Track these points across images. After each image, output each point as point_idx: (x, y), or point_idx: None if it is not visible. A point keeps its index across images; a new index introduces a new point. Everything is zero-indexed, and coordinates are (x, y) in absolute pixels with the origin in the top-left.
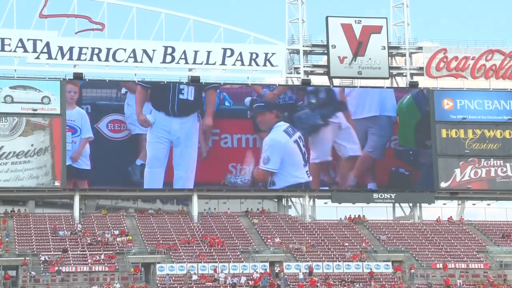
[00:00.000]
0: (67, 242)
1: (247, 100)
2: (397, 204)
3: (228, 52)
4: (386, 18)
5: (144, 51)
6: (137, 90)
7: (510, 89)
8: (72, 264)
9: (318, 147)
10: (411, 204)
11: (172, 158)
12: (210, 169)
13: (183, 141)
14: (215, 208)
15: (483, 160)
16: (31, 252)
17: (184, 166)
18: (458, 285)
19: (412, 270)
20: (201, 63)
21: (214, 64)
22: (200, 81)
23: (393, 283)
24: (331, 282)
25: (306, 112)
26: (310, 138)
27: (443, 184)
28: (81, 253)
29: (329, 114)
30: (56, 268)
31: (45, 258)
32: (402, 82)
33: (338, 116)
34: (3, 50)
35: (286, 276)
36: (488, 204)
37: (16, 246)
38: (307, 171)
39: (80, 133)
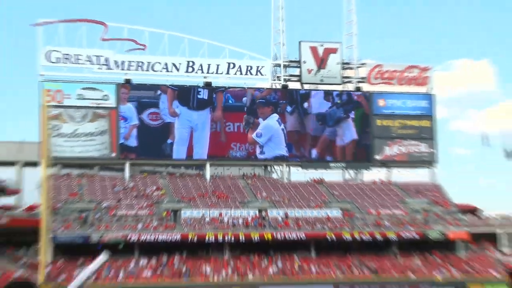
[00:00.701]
0: (121, 195)
1: (244, 99)
2: (346, 170)
3: (232, 65)
4: (341, 42)
5: (173, 64)
6: (168, 92)
7: (422, 93)
8: (124, 210)
9: (294, 133)
10: (355, 170)
11: (192, 138)
12: (218, 146)
13: (200, 127)
14: (221, 172)
15: (404, 141)
16: (96, 201)
17: (200, 144)
18: (385, 225)
19: (356, 215)
20: (212, 73)
21: (222, 73)
22: (212, 85)
23: (342, 223)
24: (300, 223)
25: (287, 108)
26: (289, 126)
27: (377, 157)
28: (130, 202)
29: (301, 109)
30: (113, 212)
31: (105, 205)
32: (351, 87)
33: (307, 110)
34: (77, 63)
35: (270, 219)
36: (407, 171)
37: (86, 196)
38: (286, 148)
39: (129, 121)
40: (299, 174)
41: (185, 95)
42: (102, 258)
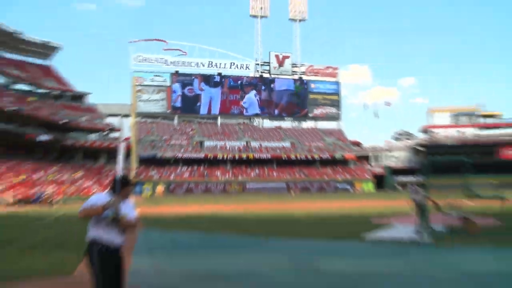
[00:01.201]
0: (172, 132)
1: (239, 81)
2: (293, 121)
3: (233, 63)
4: (291, 52)
5: (201, 63)
6: (198, 77)
7: (333, 81)
8: (174, 140)
9: (265, 101)
10: (298, 121)
11: (211, 103)
12: (225, 107)
13: (215, 97)
14: (226, 121)
15: (324, 106)
16: (159, 136)
17: (215, 106)
18: (313, 151)
19: (298, 145)
20: (222, 67)
21: (227, 68)
22: (222, 74)
23: (290, 150)
24: (268, 150)
25: (262, 87)
26: (263, 97)
27: (310, 114)
28: (177, 136)
29: (269, 88)
30: (168, 142)
31: (164, 138)
32: (296, 77)
33: (272, 89)
34: (150, 62)
35: (252, 147)
36: (325, 123)
37: (155, 134)
38: (259, 109)
39: (177, 93)
40: (268, 123)
41: (207, 79)
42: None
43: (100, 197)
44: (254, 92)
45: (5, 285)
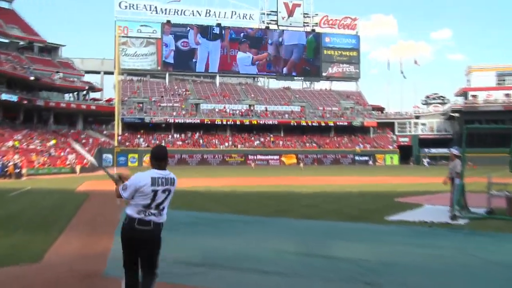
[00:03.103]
0: (163, 93)
1: (241, 34)
2: (304, 82)
3: (234, 13)
4: (303, 0)
5: (198, 11)
6: (193, 28)
7: (352, 34)
8: (165, 102)
9: (272, 57)
10: (310, 82)
11: (209, 59)
12: (225, 64)
13: (213, 52)
14: (226, 81)
15: (340, 64)
16: (148, 96)
17: (214, 63)
18: (327, 116)
19: (309, 110)
20: (222, 17)
21: (228, 18)
22: (222, 25)
23: (300, 115)
24: (274, 114)
25: (269, 41)
26: (269, 53)
27: (324, 74)
28: (169, 98)
29: (278, 42)
30: (158, 104)
31: (154, 99)
32: (308, 29)
33: (281, 43)
34: (137, 9)
35: (255, 111)
36: (342, 83)
37: (142, 94)
38: (266, 66)
39: (169, 47)
40: (275, 83)
41: (204, 31)
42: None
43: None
44: (258, 46)
45: None
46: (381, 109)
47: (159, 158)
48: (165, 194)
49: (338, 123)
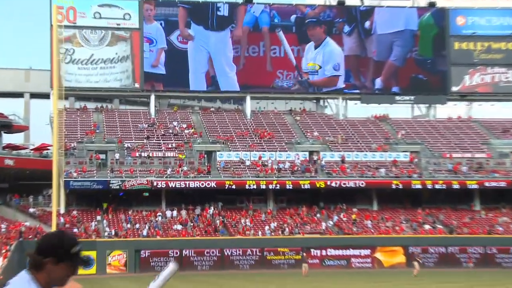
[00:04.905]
0: (146, 133)
1: (293, 17)
2: (415, 105)
3: None
4: None
5: None
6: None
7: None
8: (149, 151)
9: (352, 58)
10: (427, 105)
11: (230, 64)
12: (263, 75)
13: (237, 50)
14: (264, 107)
15: (488, 68)
16: (116, 140)
17: (239, 70)
18: (464, 171)
19: (427, 159)
20: None
21: None
22: (253, 1)
23: (410, 169)
24: (359, 168)
25: (345, 28)
26: (347, 50)
27: (454, 88)
28: (156, 142)
29: (362, 29)
30: (137, 153)
31: (128, 145)
32: (422, 2)
33: (369, 31)
34: None
35: (322, 163)
36: (492, 105)
37: (105, 135)
38: (344, 75)
39: (156, 44)
40: (358, 109)
41: (219, 14)
42: (171, 269)
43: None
44: (327, 39)
45: None
46: None
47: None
48: None
49: (486, 184)
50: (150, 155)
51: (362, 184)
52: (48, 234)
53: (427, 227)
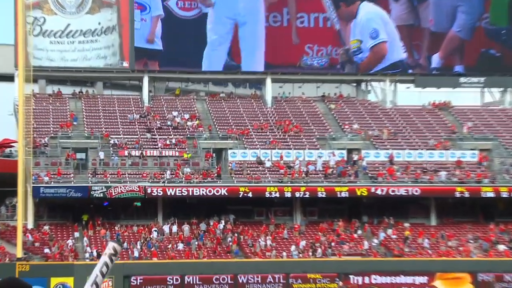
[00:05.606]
0: (137, 125)
1: None
2: (486, 89)
3: None
4: None
5: None
6: None
7: None
8: (142, 148)
9: (403, 28)
10: (501, 89)
11: (245, 37)
12: (288, 51)
13: (255, 21)
14: (289, 93)
15: None
16: (99, 135)
17: (257, 46)
18: None
19: (501, 159)
20: None
21: None
22: None
23: (479, 172)
24: (413, 171)
25: None
26: (395, 19)
27: None
28: (151, 137)
29: None
30: (125, 152)
31: (114, 141)
32: None
33: None
34: None
35: (365, 164)
36: None
37: (85, 128)
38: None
39: (150, 11)
40: (410, 95)
41: None
42: (110, 248)
43: None
44: (371, 4)
45: None
46: None
47: None
48: None
49: None
50: (143, 154)
51: (416, 191)
52: None
53: (502, 247)
